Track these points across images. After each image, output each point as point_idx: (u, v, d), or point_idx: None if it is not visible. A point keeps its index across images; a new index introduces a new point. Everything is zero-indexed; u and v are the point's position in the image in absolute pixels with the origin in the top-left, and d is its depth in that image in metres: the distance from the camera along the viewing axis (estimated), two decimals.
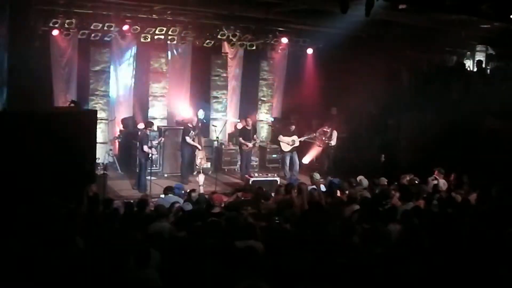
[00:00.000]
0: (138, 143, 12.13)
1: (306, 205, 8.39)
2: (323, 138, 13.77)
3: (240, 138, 13.70)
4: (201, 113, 14.10)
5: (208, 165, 13.91)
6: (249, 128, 13.64)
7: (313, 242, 5.94)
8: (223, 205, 8.58)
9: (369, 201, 8.78)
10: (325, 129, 13.77)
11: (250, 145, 13.59)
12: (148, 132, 12.08)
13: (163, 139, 12.77)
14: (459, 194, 9.64)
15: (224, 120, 15.31)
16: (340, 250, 5.61)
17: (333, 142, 13.68)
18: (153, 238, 6.38)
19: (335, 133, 13.71)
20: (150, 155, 11.88)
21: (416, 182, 10.40)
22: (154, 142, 12.14)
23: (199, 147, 13.08)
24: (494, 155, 11.38)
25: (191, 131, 12.84)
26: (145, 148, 11.82)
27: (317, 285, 4.97)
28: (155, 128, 13.91)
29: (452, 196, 9.51)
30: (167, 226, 7.06)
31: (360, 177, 10.52)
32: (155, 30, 13.13)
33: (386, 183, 10.34)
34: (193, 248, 5.60)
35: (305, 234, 6.51)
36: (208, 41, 14.23)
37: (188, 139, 12.78)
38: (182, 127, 13.20)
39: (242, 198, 9.04)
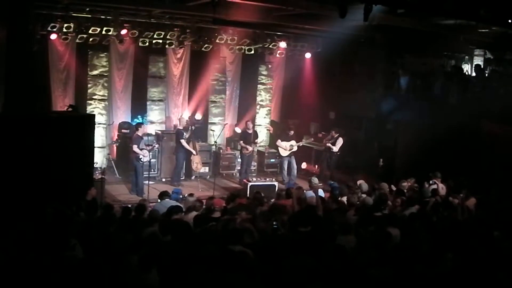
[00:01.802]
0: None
1: (296, 208, 8.36)
2: (326, 141, 13.68)
3: (241, 142, 13.64)
4: (198, 117, 14.12)
5: (206, 169, 13.90)
6: (250, 132, 13.57)
7: (308, 246, 5.91)
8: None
9: (367, 206, 8.76)
10: (332, 133, 13.63)
11: (251, 148, 13.55)
12: (140, 134, 12.04)
13: (156, 145, 12.73)
14: (457, 198, 9.62)
15: (222, 124, 15.29)
16: (337, 254, 5.58)
17: (336, 149, 13.45)
18: (147, 242, 6.33)
19: (340, 140, 13.47)
20: (140, 157, 11.84)
21: (416, 188, 10.38)
22: (146, 145, 12.08)
23: (193, 151, 13.05)
24: (493, 159, 11.37)
25: (184, 133, 12.83)
26: (134, 147, 11.80)
27: None
28: (152, 132, 13.94)
29: (449, 200, 9.50)
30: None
31: (360, 182, 10.51)
32: (153, 35, 13.10)
33: (386, 188, 10.32)
34: (188, 254, 5.58)
35: (299, 238, 6.48)
36: (206, 45, 14.23)
37: (183, 142, 12.76)
38: (175, 132, 13.22)
39: (238, 203, 9.00)
